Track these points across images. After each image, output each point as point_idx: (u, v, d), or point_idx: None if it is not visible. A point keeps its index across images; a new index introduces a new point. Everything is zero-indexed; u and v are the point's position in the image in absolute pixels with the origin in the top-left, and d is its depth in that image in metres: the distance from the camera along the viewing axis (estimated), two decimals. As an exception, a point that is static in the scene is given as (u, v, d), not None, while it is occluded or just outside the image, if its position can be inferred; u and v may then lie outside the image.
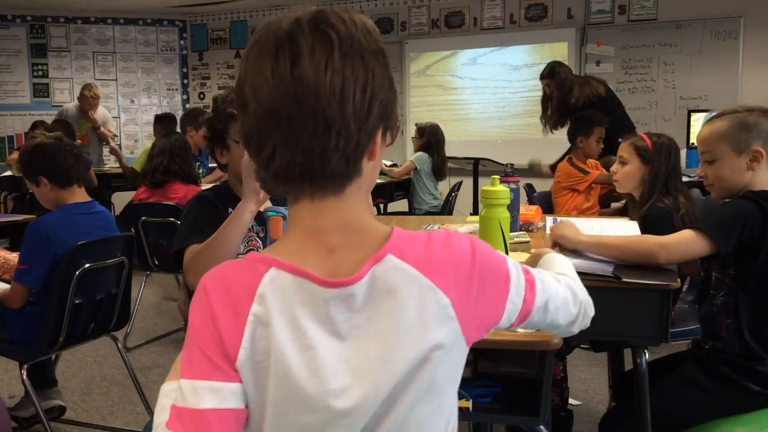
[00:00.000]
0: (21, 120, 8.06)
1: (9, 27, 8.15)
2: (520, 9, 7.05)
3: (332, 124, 0.79)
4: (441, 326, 0.83)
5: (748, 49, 6.14)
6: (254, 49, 0.82)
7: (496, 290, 0.89)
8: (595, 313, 1.08)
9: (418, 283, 0.83)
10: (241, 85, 0.83)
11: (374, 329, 0.82)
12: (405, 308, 0.82)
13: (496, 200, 1.90)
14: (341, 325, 0.82)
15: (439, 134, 5.53)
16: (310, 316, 0.81)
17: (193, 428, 0.79)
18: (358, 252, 0.83)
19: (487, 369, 1.57)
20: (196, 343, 0.82)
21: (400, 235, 0.85)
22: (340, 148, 0.81)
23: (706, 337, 1.90)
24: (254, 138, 0.82)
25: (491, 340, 1.38)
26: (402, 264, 0.83)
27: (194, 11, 8.48)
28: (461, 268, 0.85)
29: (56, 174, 2.54)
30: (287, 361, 0.80)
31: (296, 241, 0.85)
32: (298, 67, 0.78)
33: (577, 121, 4.13)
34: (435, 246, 0.85)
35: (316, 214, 0.84)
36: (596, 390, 3.25)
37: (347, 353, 0.82)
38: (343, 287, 0.81)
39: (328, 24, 0.80)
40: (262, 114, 0.80)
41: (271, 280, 0.82)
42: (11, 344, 2.55)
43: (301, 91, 0.78)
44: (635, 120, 6.73)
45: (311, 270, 0.82)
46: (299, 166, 0.81)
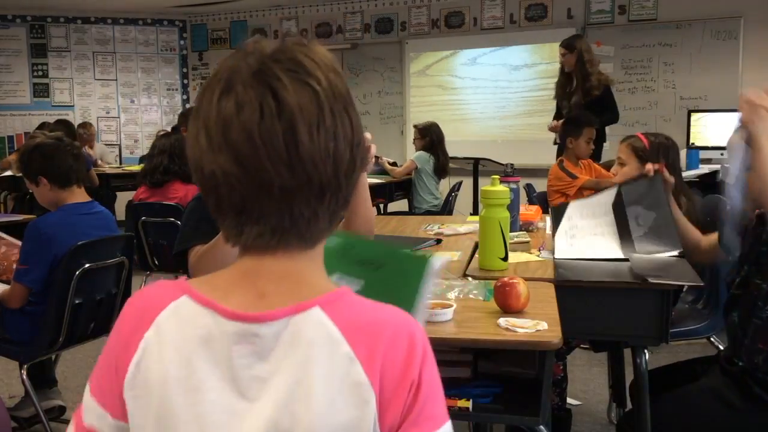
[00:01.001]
0: (21, 120, 8.06)
1: (9, 27, 8.15)
2: (520, 9, 7.05)
3: (326, 187, 0.74)
4: (349, 406, 0.71)
5: (748, 49, 6.14)
6: (227, 99, 0.72)
7: (416, 415, 0.73)
8: (594, 313, 1.06)
9: (336, 346, 0.72)
10: (214, 144, 0.72)
11: (274, 385, 0.72)
12: (309, 371, 0.71)
13: (496, 200, 1.90)
14: (240, 372, 0.73)
15: (440, 132, 5.55)
16: (206, 354, 0.74)
17: None
18: (287, 301, 0.74)
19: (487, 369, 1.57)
20: (100, 360, 0.79)
21: (343, 294, 0.76)
22: (331, 209, 0.76)
23: (741, 349, 1.77)
24: (230, 204, 0.74)
25: (491, 340, 1.38)
26: (326, 320, 0.73)
27: (194, 11, 8.48)
28: (396, 357, 0.73)
29: (56, 174, 2.54)
30: (170, 401, 0.74)
31: (228, 279, 0.77)
32: (289, 131, 0.71)
33: (567, 122, 4.14)
34: (377, 318, 0.75)
35: (263, 263, 0.76)
36: (596, 390, 3.25)
37: (240, 407, 0.73)
38: (248, 322, 0.73)
39: (306, 72, 0.73)
40: (248, 184, 0.72)
41: (174, 308, 0.76)
42: (11, 344, 2.55)
43: (295, 157, 0.71)
44: (635, 120, 6.76)
45: (231, 306, 0.74)
46: (282, 230, 0.74)
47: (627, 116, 6.69)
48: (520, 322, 1.41)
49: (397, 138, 7.65)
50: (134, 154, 8.36)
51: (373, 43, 7.69)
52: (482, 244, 1.94)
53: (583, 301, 1.78)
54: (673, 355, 2.96)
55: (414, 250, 2.23)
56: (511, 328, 1.39)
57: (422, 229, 2.65)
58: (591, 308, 1.79)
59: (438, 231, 2.57)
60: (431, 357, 0.76)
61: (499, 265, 1.90)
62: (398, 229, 2.73)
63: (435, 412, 0.74)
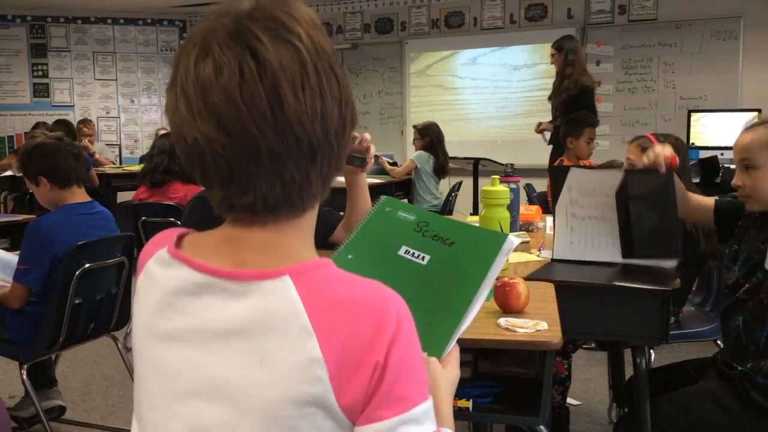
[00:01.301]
0: (21, 120, 8.06)
1: (9, 27, 8.15)
2: (520, 9, 7.05)
3: (317, 149, 0.71)
4: (300, 380, 0.69)
5: (748, 49, 6.14)
6: (203, 63, 0.70)
7: (383, 397, 0.69)
8: (594, 313, 1.05)
9: (293, 317, 0.69)
10: (193, 109, 0.70)
11: (229, 343, 0.71)
12: (265, 337, 0.70)
13: (496, 200, 1.90)
14: (203, 323, 0.73)
15: (439, 132, 5.55)
16: (175, 301, 0.75)
17: None
18: (266, 267, 0.73)
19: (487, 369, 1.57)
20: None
21: (316, 265, 0.73)
22: (323, 172, 0.74)
23: (745, 354, 1.74)
24: (218, 173, 0.71)
25: (491, 340, 1.38)
26: (291, 290, 0.70)
27: (194, 11, 8.48)
28: (360, 335, 0.69)
29: (56, 174, 2.54)
30: (141, 345, 0.79)
31: (211, 242, 0.77)
32: (273, 91, 0.68)
33: (567, 122, 4.15)
34: (348, 294, 0.71)
35: (248, 233, 0.75)
36: (596, 390, 3.25)
37: (197, 359, 0.73)
38: (217, 277, 0.72)
39: (286, 29, 0.70)
40: (234, 150, 0.69)
41: (157, 257, 0.79)
42: (11, 344, 2.55)
43: (282, 118, 0.68)
44: (635, 120, 6.76)
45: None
46: (274, 199, 0.72)
47: (627, 116, 6.69)
48: (520, 322, 1.41)
49: (397, 138, 7.65)
50: (134, 154, 8.36)
51: (373, 43, 7.69)
52: (482, 244, 1.93)
53: (583, 300, 1.78)
54: (673, 354, 2.97)
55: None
56: (511, 328, 1.39)
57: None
58: (591, 308, 1.79)
59: (438, 231, 2.56)
60: (406, 336, 0.71)
61: (499, 265, 1.90)
62: (398, 229, 2.73)
63: (407, 392, 0.70)
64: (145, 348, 0.78)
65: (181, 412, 0.74)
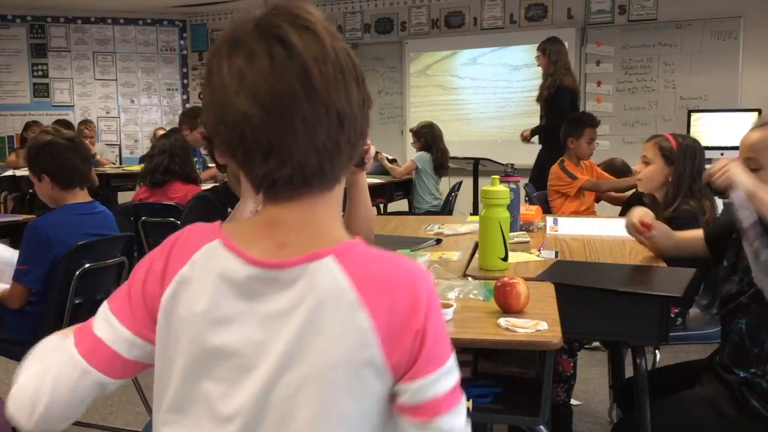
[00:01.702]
0: (21, 120, 8.05)
1: (9, 27, 8.15)
2: (520, 9, 7.05)
3: (344, 116, 0.80)
4: (353, 347, 0.78)
5: (748, 49, 6.14)
6: (237, 55, 0.78)
7: (424, 359, 0.81)
8: (595, 313, 1.07)
9: (342, 294, 0.79)
10: (230, 93, 0.78)
11: (287, 321, 0.80)
12: (319, 312, 0.79)
13: (496, 200, 1.90)
14: (260, 309, 0.81)
15: (435, 131, 5.54)
16: (231, 292, 0.82)
17: (81, 344, 0.87)
18: (306, 251, 0.81)
19: (487, 369, 1.57)
20: (128, 283, 0.88)
21: (356, 245, 0.82)
22: (351, 141, 0.82)
23: (747, 359, 1.72)
24: (258, 149, 0.78)
25: (491, 340, 1.38)
26: (337, 269, 0.80)
27: (194, 11, 8.48)
28: (401, 306, 0.80)
29: (60, 176, 2.54)
30: (199, 329, 0.82)
31: (253, 228, 0.85)
32: (299, 64, 0.77)
33: (568, 123, 4.15)
34: (387, 270, 0.82)
35: (286, 213, 0.83)
36: (596, 390, 3.25)
37: (258, 338, 0.81)
38: (267, 268, 0.81)
39: (303, 19, 0.80)
40: (271, 120, 0.77)
41: (208, 249, 0.84)
42: (11, 344, 2.55)
43: (310, 87, 0.77)
44: (635, 120, 6.76)
45: (253, 253, 0.82)
46: (310, 168, 0.80)
47: (627, 116, 6.69)
48: (520, 322, 1.41)
49: (397, 138, 7.65)
50: (134, 154, 8.36)
51: (373, 43, 7.69)
52: (482, 244, 1.94)
53: (583, 300, 1.77)
54: (673, 354, 2.97)
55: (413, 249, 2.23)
56: (511, 328, 1.39)
57: (422, 229, 2.65)
58: (591, 308, 1.79)
59: (438, 231, 2.57)
60: (436, 305, 0.82)
61: (499, 265, 1.90)
62: (398, 229, 2.73)
63: (442, 350, 0.83)
64: (197, 337, 0.82)
65: (246, 385, 0.81)
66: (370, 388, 0.80)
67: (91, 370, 0.86)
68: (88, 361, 0.86)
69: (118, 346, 0.87)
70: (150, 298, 0.86)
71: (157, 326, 0.85)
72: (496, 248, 1.90)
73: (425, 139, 5.51)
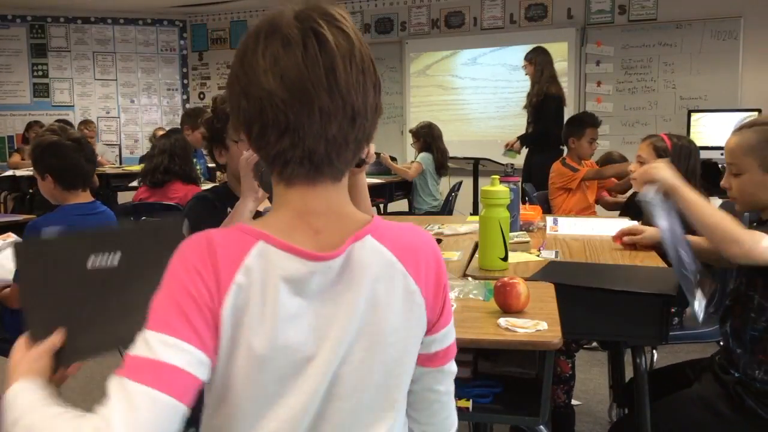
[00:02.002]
0: (21, 120, 8.06)
1: (9, 27, 8.16)
2: (520, 9, 7.05)
3: (357, 115, 0.85)
4: (407, 310, 0.90)
5: (748, 49, 6.14)
6: (273, 39, 0.84)
7: (447, 310, 0.97)
8: (594, 313, 1.09)
9: (392, 266, 0.89)
10: (259, 72, 0.83)
11: (344, 301, 0.87)
12: (375, 286, 0.88)
13: (496, 200, 1.90)
14: (320, 296, 0.86)
15: (434, 131, 5.53)
16: (292, 289, 0.85)
17: (147, 376, 0.76)
18: (340, 234, 0.88)
19: (487, 369, 1.57)
20: (175, 300, 0.80)
21: (380, 222, 0.92)
22: (358, 139, 0.87)
23: (736, 358, 1.74)
24: (275, 126, 0.83)
25: (491, 340, 1.38)
26: (379, 246, 0.89)
27: (194, 11, 8.48)
28: (432, 268, 0.93)
29: (64, 177, 2.53)
30: (264, 332, 0.83)
31: (285, 221, 0.88)
32: (329, 59, 0.83)
33: (569, 123, 4.16)
34: (413, 239, 0.93)
35: (308, 199, 0.88)
36: (596, 390, 3.25)
37: (322, 322, 0.86)
38: (325, 261, 0.86)
39: (339, 21, 0.86)
40: (292, 103, 0.82)
41: (258, 253, 0.84)
42: (11, 344, 2.54)
43: (334, 83, 0.83)
44: (635, 120, 6.76)
45: (306, 247, 0.86)
46: (318, 156, 0.85)
47: (627, 116, 6.69)
48: (520, 322, 1.41)
49: (397, 138, 7.65)
50: (134, 154, 8.36)
51: (373, 43, 7.69)
52: (482, 244, 1.94)
53: (583, 301, 1.78)
54: (673, 354, 2.97)
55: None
56: (511, 328, 1.39)
57: (422, 229, 2.65)
58: (591, 308, 1.79)
59: (438, 231, 2.57)
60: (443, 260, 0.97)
61: (499, 265, 1.90)
62: (398, 229, 2.73)
63: (449, 305, 0.98)
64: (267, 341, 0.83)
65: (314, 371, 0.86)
66: (419, 342, 0.94)
67: (175, 403, 0.77)
68: (166, 392, 0.76)
69: (195, 370, 0.79)
70: (209, 311, 0.81)
71: (220, 339, 0.82)
72: (496, 248, 1.90)
73: (424, 139, 5.51)
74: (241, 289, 0.82)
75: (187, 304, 0.80)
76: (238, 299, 0.82)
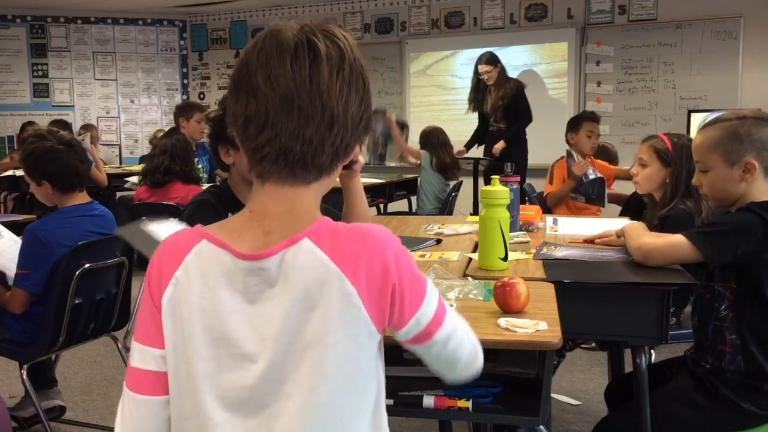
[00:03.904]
0: (21, 120, 8.05)
1: (9, 27, 8.16)
2: (520, 9, 7.05)
3: (336, 121, 0.90)
4: (344, 312, 0.90)
5: (748, 49, 6.14)
6: (270, 43, 0.91)
7: (407, 304, 0.93)
8: (594, 313, 1.09)
9: (326, 268, 0.90)
10: (251, 70, 0.90)
11: (281, 302, 0.90)
12: (309, 288, 0.90)
13: (495, 200, 1.90)
14: (255, 296, 0.91)
15: (433, 137, 5.45)
16: (226, 284, 0.92)
17: (128, 381, 0.97)
18: (286, 236, 0.92)
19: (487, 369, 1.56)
20: (142, 307, 0.97)
21: (323, 224, 0.93)
22: (335, 146, 0.92)
23: (705, 351, 1.81)
24: (256, 120, 0.90)
25: (491, 340, 1.38)
26: (315, 249, 0.90)
27: (194, 11, 8.48)
28: (375, 269, 0.91)
29: (62, 182, 2.54)
30: (199, 325, 0.92)
31: (241, 221, 0.95)
32: (315, 66, 0.89)
33: (568, 122, 4.18)
34: (355, 240, 0.92)
35: (271, 200, 0.94)
36: (596, 390, 3.25)
37: (258, 321, 0.91)
38: (253, 260, 0.91)
39: (337, 37, 0.92)
40: (274, 100, 0.89)
41: (198, 251, 0.93)
42: (11, 344, 2.55)
43: (316, 87, 0.89)
44: (635, 120, 6.76)
45: (241, 247, 0.92)
46: (293, 155, 0.90)
47: (627, 116, 6.70)
48: (520, 322, 1.41)
49: (397, 138, 7.65)
50: (134, 154, 8.36)
51: (373, 43, 7.69)
52: (482, 244, 1.94)
53: (583, 300, 1.78)
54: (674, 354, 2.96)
55: (412, 249, 2.23)
56: (511, 328, 1.39)
57: (422, 229, 2.65)
58: (591, 308, 1.79)
59: (438, 231, 2.57)
60: (405, 257, 0.93)
61: (499, 265, 1.90)
62: (398, 228, 2.73)
63: (418, 290, 0.94)
64: (205, 324, 0.92)
65: (250, 368, 0.91)
66: (363, 346, 0.92)
67: (147, 398, 0.96)
68: (139, 392, 0.96)
69: (155, 366, 0.95)
70: (156, 307, 0.94)
71: (163, 328, 0.93)
72: (496, 248, 1.90)
73: (423, 146, 5.49)
74: (179, 283, 0.92)
75: (144, 309, 0.96)
76: (174, 292, 0.92)
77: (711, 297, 1.79)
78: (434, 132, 5.50)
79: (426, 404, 1.42)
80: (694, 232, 1.77)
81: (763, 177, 1.75)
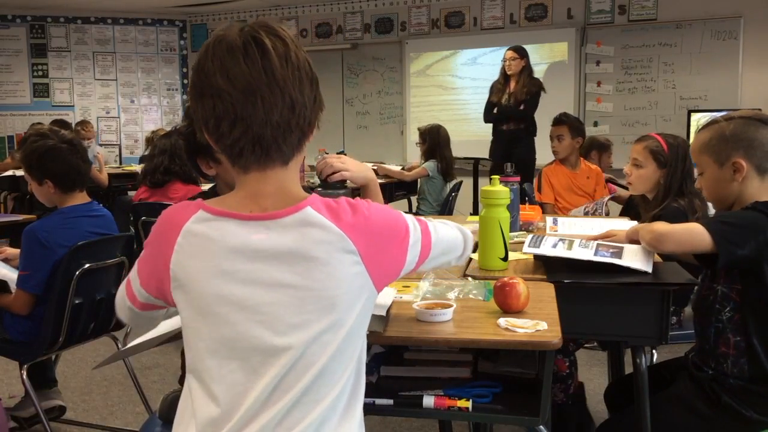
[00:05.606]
0: (21, 120, 8.07)
1: (9, 27, 8.16)
2: (520, 9, 7.05)
3: (296, 103, 1.01)
4: (349, 270, 1.01)
5: (748, 49, 6.15)
6: (220, 47, 1.01)
7: (396, 243, 1.07)
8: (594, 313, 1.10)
9: (330, 228, 1.00)
10: (209, 74, 1.00)
11: (290, 256, 1.00)
12: (318, 245, 1.00)
13: (495, 200, 1.90)
14: (259, 254, 1.00)
15: (441, 136, 5.46)
16: (230, 246, 1.01)
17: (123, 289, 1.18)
18: (285, 208, 1.02)
19: (487, 369, 1.57)
20: (144, 258, 1.11)
21: (316, 198, 1.05)
22: (300, 125, 1.03)
23: (706, 355, 1.78)
24: (226, 120, 0.99)
25: (491, 340, 1.38)
26: (317, 215, 1.01)
27: (194, 11, 8.48)
28: (366, 228, 1.03)
29: (64, 181, 2.53)
30: (207, 286, 1.01)
31: (237, 200, 1.05)
32: (266, 59, 0.99)
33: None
34: (345, 209, 1.03)
35: (261, 183, 1.04)
36: (596, 390, 3.25)
37: (265, 276, 1.00)
38: (262, 219, 1.01)
39: (277, 31, 1.02)
40: (237, 96, 0.98)
41: (197, 219, 1.03)
42: (11, 344, 2.55)
43: (272, 77, 0.99)
44: (635, 120, 6.77)
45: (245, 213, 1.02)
46: (266, 140, 1.00)
47: (627, 116, 6.70)
48: (520, 322, 1.41)
49: (397, 138, 7.66)
50: (134, 154, 8.36)
51: (373, 43, 7.69)
52: (482, 244, 1.94)
53: (583, 300, 1.77)
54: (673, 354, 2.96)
55: None
56: (511, 328, 1.39)
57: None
58: (591, 308, 1.79)
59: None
60: (373, 206, 1.06)
61: (499, 265, 1.90)
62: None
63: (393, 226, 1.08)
64: (213, 285, 1.01)
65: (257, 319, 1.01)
66: (363, 297, 1.04)
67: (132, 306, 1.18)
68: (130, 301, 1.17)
69: (136, 292, 1.14)
70: (163, 269, 1.05)
71: (171, 290, 1.05)
72: (496, 248, 1.89)
73: (430, 142, 5.46)
74: (182, 248, 1.03)
75: (149, 263, 1.10)
76: (180, 255, 1.03)
77: (714, 299, 1.77)
78: (441, 129, 5.51)
79: (426, 404, 1.42)
80: (712, 221, 1.74)
81: (757, 176, 1.75)
